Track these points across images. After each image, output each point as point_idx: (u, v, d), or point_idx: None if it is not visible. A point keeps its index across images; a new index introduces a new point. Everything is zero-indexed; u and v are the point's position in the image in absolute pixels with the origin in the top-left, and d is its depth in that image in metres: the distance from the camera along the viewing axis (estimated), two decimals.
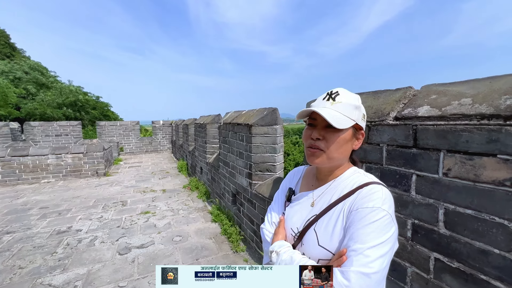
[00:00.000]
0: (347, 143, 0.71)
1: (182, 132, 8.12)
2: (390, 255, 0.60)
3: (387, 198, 0.64)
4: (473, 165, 0.83)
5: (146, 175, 6.72)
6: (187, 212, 3.94)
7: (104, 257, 2.63)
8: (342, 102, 0.69)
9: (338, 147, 0.69)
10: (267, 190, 2.42)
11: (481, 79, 0.93)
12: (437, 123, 0.93)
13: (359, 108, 0.71)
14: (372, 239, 0.58)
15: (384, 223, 0.59)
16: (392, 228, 0.61)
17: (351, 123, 0.68)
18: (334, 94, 0.71)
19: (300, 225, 0.75)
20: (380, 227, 0.59)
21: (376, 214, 0.60)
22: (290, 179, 0.93)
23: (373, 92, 1.35)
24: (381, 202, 0.61)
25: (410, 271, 1.04)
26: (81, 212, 3.96)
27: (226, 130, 3.46)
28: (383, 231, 0.59)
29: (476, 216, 0.83)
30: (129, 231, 3.26)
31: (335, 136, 0.68)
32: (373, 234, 0.58)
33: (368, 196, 0.64)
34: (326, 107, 0.69)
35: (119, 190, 5.24)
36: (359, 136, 0.74)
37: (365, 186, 0.67)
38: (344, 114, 0.68)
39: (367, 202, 0.62)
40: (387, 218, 0.60)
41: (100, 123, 10.58)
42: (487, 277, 0.81)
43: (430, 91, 1.06)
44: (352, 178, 0.72)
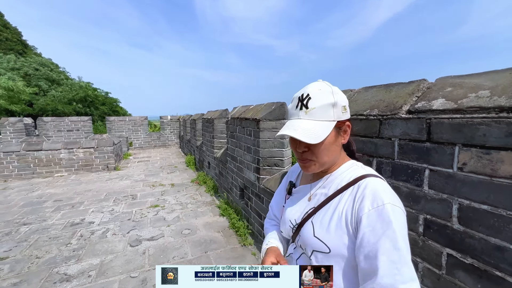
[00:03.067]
0: (333, 144, 0.69)
1: (189, 127, 8.18)
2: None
3: (387, 190, 0.62)
4: (490, 160, 0.80)
5: (155, 169, 6.83)
6: (196, 206, 4.00)
7: (116, 249, 2.71)
8: (315, 108, 0.65)
9: (326, 153, 0.68)
10: (275, 185, 2.43)
11: (500, 71, 0.89)
12: (452, 116, 0.90)
13: (336, 104, 0.66)
14: (404, 247, 0.55)
15: (402, 220, 0.59)
16: (403, 217, 0.60)
17: (330, 127, 0.66)
18: (306, 100, 0.66)
19: (298, 217, 0.76)
20: (401, 227, 0.57)
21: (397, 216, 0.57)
22: (292, 173, 0.94)
23: (384, 85, 1.32)
24: (388, 198, 0.60)
25: (422, 266, 1.03)
26: (93, 205, 4.07)
27: (233, 125, 3.46)
28: (404, 229, 0.58)
29: (492, 211, 0.81)
30: (140, 224, 3.34)
31: (318, 146, 0.67)
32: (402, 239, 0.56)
33: (371, 194, 0.61)
34: (300, 118, 0.67)
35: (129, 184, 5.35)
36: (345, 129, 0.72)
37: (363, 178, 0.65)
38: (321, 119, 0.65)
39: (373, 201, 0.60)
40: (402, 214, 0.60)
41: (110, 118, 10.77)
42: (502, 273, 0.79)
43: (445, 83, 1.02)
44: (349, 171, 0.71)
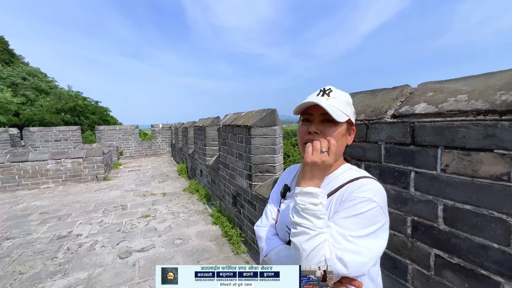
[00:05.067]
0: (343, 137, 0.73)
1: (181, 135, 8.12)
2: (380, 246, 0.60)
3: (378, 191, 0.64)
4: (471, 161, 0.83)
5: (146, 178, 6.71)
6: (188, 215, 3.93)
7: (104, 261, 2.62)
8: (336, 98, 0.71)
9: (336, 141, 0.70)
10: (267, 191, 2.42)
11: (477, 76, 0.94)
12: (434, 120, 0.93)
13: (350, 105, 0.74)
14: (359, 229, 0.58)
15: (374, 214, 0.60)
16: (382, 220, 0.61)
17: (346, 118, 0.70)
18: (328, 91, 0.72)
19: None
20: (368, 218, 0.59)
21: (366, 205, 0.60)
22: (286, 176, 0.93)
23: (370, 91, 1.36)
24: (372, 194, 0.62)
25: (411, 268, 1.04)
26: (81, 217, 3.94)
27: (225, 132, 3.47)
28: (372, 221, 0.59)
29: (475, 211, 0.83)
30: (130, 235, 3.25)
31: (332, 130, 0.69)
32: (361, 224, 0.59)
33: (359, 188, 0.64)
34: (322, 102, 0.69)
35: (119, 194, 5.23)
36: (351, 131, 0.77)
37: (355, 180, 0.68)
38: (339, 109, 0.69)
39: (358, 193, 0.63)
40: (377, 210, 0.61)
41: (100, 127, 10.58)
42: (487, 272, 0.81)
43: (427, 88, 1.07)
44: (345, 174, 0.73)
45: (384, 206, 0.63)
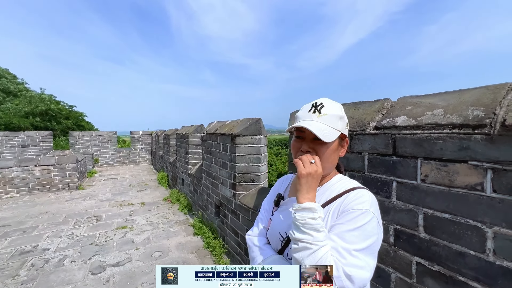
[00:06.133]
0: (335, 152, 0.74)
1: (162, 142, 7.89)
2: (375, 259, 0.63)
3: (373, 201, 0.67)
4: (448, 171, 0.88)
5: (123, 187, 6.39)
6: (168, 225, 3.77)
7: (74, 278, 2.42)
8: (327, 114, 0.71)
9: (327, 158, 0.72)
10: (251, 201, 2.40)
11: (450, 92, 1.01)
12: (413, 132, 0.98)
13: (343, 118, 0.74)
14: (361, 241, 0.60)
15: (372, 225, 0.62)
16: (379, 231, 0.64)
17: (337, 134, 0.71)
18: (319, 106, 0.72)
19: (289, 229, 0.75)
20: (367, 229, 0.62)
21: (365, 217, 0.62)
22: (279, 185, 0.94)
23: (353, 103, 1.41)
24: (369, 205, 0.64)
25: (394, 276, 1.06)
26: (49, 229, 3.64)
27: (209, 141, 3.42)
28: (371, 232, 0.62)
29: (452, 219, 0.87)
30: (104, 248, 3.05)
31: (323, 148, 0.71)
32: (362, 236, 0.61)
33: (356, 199, 0.66)
34: (313, 120, 0.70)
35: (93, 204, 4.92)
36: (344, 144, 0.78)
37: (352, 191, 0.70)
38: (330, 126, 0.70)
39: (356, 204, 0.65)
40: (374, 221, 0.63)
41: (74, 133, 10.01)
42: (465, 278, 0.84)
43: (406, 102, 1.13)
44: (338, 184, 0.75)
45: (378, 216, 0.66)
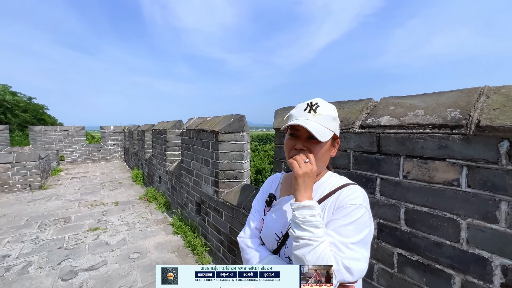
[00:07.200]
0: (327, 152, 0.76)
1: (137, 138, 7.51)
2: (369, 250, 0.67)
3: (365, 196, 0.71)
4: (428, 168, 0.95)
5: (94, 186, 6.00)
6: (145, 225, 3.62)
7: (42, 286, 2.23)
8: (322, 115, 0.72)
9: (320, 157, 0.73)
10: (234, 198, 2.38)
11: (429, 94, 1.08)
12: (397, 131, 1.04)
13: (336, 119, 0.76)
14: (356, 234, 0.64)
15: (365, 218, 0.66)
16: (371, 224, 0.69)
17: (331, 134, 0.72)
18: (315, 106, 0.73)
19: (284, 228, 0.76)
20: (361, 223, 0.65)
21: (359, 211, 0.66)
22: (269, 185, 0.94)
23: (338, 102, 1.45)
24: (361, 200, 0.68)
25: (377, 267, 1.13)
26: (8, 234, 3.30)
27: (189, 137, 3.32)
28: (364, 225, 0.66)
29: (431, 213, 0.95)
30: (75, 251, 2.84)
31: (318, 147, 0.72)
32: (357, 230, 0.64)
33: (349, 194, 0.70)
34: (309, 119, 0.71)
35: (59, 205, 4.55)
36: (335, 144, 0.80)
37: (344, 187, 0.72)
38: (325, 126, 0.71)
39: (350, 200, 0.68)
40: (366, 214, 0.67)
41: (35, 128, 9.13)
42: (441, 266, 0.92)
43: (388, 102, 1.19)
44: (330, 181, 0.77)
45: (369, 210, 0.70)
